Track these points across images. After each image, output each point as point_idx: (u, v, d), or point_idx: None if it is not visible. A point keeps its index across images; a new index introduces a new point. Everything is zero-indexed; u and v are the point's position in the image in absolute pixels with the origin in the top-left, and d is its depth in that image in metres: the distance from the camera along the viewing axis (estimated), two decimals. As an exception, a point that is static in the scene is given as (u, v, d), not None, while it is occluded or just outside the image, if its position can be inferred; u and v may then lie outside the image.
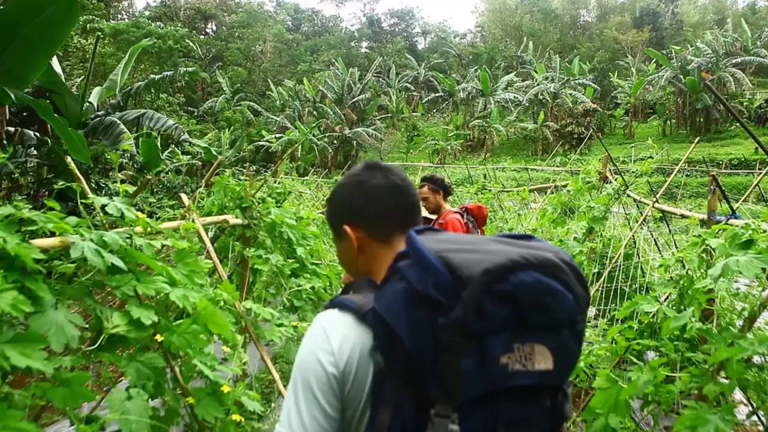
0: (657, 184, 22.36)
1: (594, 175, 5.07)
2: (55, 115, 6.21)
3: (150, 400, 1.97)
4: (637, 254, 4.41)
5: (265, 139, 30.72)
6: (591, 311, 4.59)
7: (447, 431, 0.85)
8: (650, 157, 4.03)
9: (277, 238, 3.85)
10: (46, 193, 9.16)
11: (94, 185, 9.74)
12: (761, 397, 1.91)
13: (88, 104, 8.58)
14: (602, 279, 3.74)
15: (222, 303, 2.77)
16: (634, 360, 2.15)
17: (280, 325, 3.18)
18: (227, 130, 28.41)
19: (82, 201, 2.17)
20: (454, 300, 0.86)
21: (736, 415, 2.84)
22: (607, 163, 4.90)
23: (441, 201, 4.29)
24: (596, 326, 4.67)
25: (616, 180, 4.69)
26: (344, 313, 1.07)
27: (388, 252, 1.14)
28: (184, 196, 2.97)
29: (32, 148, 7.29)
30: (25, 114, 8.42)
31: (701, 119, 34.18)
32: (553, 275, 0.90)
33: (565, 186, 6.05)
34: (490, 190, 9.89)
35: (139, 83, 9.04)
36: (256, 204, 3.74)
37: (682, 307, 2.37)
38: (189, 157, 20.23)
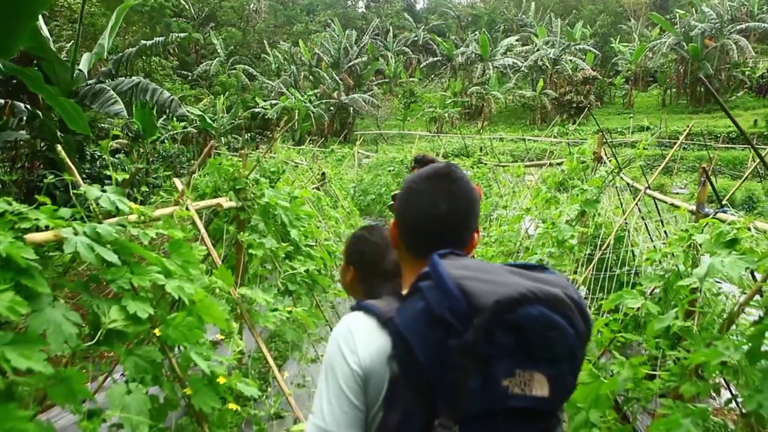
0: (654, 157, 22.36)
1: (589, 154, 5.08)
2: (46, 85, 6.11)
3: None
4: (628, 234, 4.46)
5: (260, 105, 30.36)
6: (581, 291, 4.66)
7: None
8: (645, 140, 4.04)
9: (270, 220, 3.87)
10: (41, 165, 9.11)
11: (89, 156, 9.68)
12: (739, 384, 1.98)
13: (78, 71, 8.44)
14: (592, 264, 3.79)
15: (217, 290, 2.82)
16: (616, 355, 2.21)
17: (275, 309, 3.23)
18: (222, 95, 28.04)
19: (75, 192, 2.18)
20: (466, 325, 0.95)
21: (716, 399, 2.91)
22: (602, 143, 4.90)
23: None
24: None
25: (610, 161, 4.71)
26: (369, 317, 1.18)
27: (415, 265, 1.21)
28: (177, 182, 2.98)
29: (23, 121, 7.19)
30: (14, 81, 8.28)
31: (701, 89, 33.87)
32: (558, 311, 0.97)
33: (560, 164, 6.06)
34: (485, 164, 9.88)
35: (131, 49, 8.87)
36: (250, 185, 3.75)
37: (667, 301, 2.43)
38: (184, 124, 20.04)
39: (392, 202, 5.29)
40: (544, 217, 5.58)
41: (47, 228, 1.93)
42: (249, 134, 29.31)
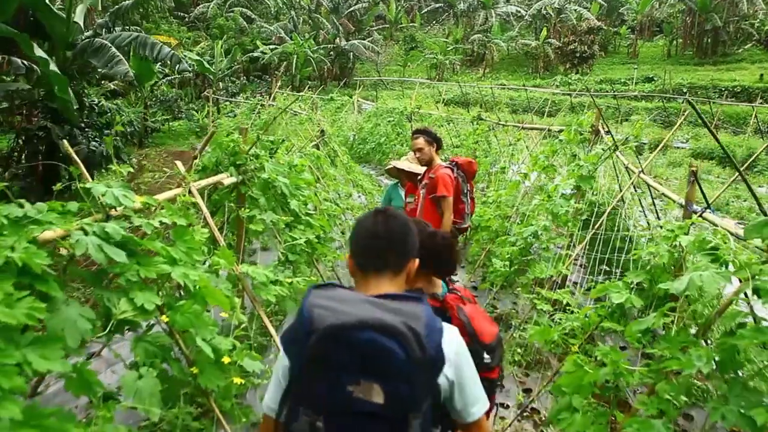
0: (657, 109, 22.08)
1: (587, 127, 5.10)
2: (38, 51, 6.01)
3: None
4: (623, 203, 4.54)
5: (259, 50, 29.68)
6: (578, 255, 4.77)
7: (304, 422, 1.27)
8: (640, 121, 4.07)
9: (270, 191, 3.93)
10: (39, 113, 9.08)
11: (87, 105, 9.62)
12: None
13: (73, 23, 8.27)
14: (585, 242, 3.89)
15: (220, 270, 2.92)
16: (600, 345, 2.34)
17: (276, 282, 3.35)
18: (220, 39, 27.36)
19: (82, 186, 2.24)
20: (308, 341, 1.25)
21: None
22: (600, 117, 4.91)
23: (434, 153, 4.36)
24: (584, 266, 4.88)
25: (607, 135, 4.74)
26: None
27: (364, 280, 1.52)
28: (179, 164, 3.02)
29: (20, 76, 7.13)
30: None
31: (708, 40, 33.15)
32: (393, 337, 1.22)
33: (559, 131, 6.07)
34: (485, 120, 9.84)
35: (127, 2, 8.64)
36: (250, 160, 3.79)
37: (651, 295, 2.54)
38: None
39: (389, 167, 5.37)
40: (540, 184, 5.66)
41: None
42: (247, 78, 28.84)
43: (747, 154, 14.64)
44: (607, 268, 4.36)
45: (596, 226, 3.75)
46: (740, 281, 2.12)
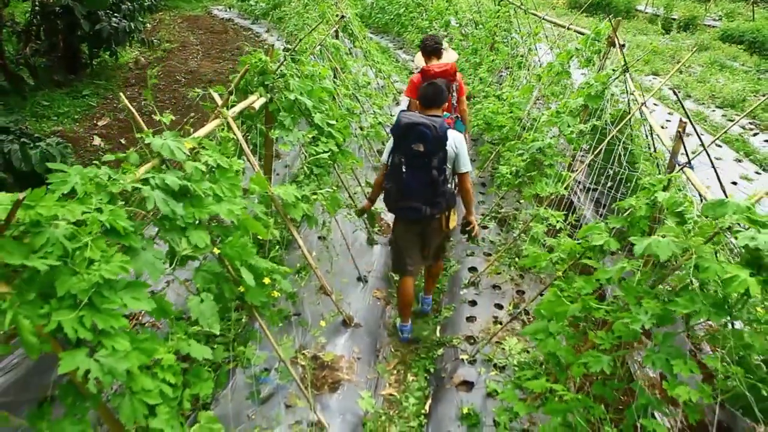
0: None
1: (603, 38, 5.14)
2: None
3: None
4: (629, 126, 4.76)
5: None
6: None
7: (397, 159, 3.68)
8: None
9: (296, 106, 4.21)
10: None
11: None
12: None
13: None
14: (585, 164, 4.19)
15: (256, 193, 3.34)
16: (575, 277, 2.80)
17: (304, 197, 3.77)
18: None
19: (140, 134, 2.59)
20: (398, 129, 3.63)
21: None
22: (617, 28, 4.94)
23: (426, 59, 5.10)
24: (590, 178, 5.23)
25: (620, 48, 4.81)
26: None
27: (422, 110, 3.82)
28: (215, 95, 3.30)
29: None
30: None
31: None
32: (428, 128, 3.50)
33: (579, 32, 6.06)
34: (509, 2, 9.55)
35: None
36: (278, 79, 4.03)
37: (627, 237, 2.95)
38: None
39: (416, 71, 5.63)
40: (552, 93, 5.80)
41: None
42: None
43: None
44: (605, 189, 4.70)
45: (595, 152, 4.04)
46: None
